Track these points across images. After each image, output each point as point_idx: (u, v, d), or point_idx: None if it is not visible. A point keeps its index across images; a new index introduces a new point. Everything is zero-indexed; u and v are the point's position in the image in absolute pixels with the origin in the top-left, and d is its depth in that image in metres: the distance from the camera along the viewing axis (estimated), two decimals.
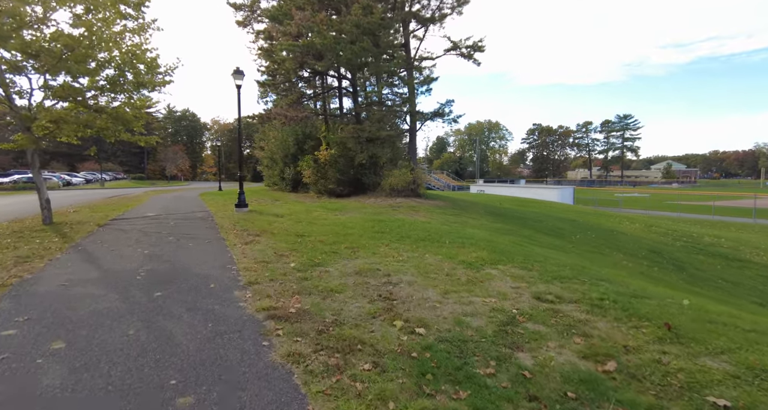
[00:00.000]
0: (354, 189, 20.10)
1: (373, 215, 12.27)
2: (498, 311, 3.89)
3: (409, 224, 9.87)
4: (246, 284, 4.88)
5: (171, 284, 4.88)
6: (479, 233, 9.33)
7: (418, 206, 14.85)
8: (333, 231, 8.76)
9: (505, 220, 14.14)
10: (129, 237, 8.10)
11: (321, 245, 7.19)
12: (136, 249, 6.92)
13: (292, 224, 10.06)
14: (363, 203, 16.45)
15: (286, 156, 28.56)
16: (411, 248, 6.95)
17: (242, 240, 7.76)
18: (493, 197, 29.09)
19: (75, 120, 8.42)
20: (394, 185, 17.01)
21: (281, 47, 14.96)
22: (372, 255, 6.38)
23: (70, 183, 44.02)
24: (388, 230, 8.81)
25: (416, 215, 12.71)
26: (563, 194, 42.48)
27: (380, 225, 9.62)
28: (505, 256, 6.41)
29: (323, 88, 23.87)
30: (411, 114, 16.91)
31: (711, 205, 32.95)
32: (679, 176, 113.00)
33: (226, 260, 6.20)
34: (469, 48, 15.71)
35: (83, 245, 7.18)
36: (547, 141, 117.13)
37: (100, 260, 6.12)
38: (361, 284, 4.80)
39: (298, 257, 6.22)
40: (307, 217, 11.43)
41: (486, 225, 11.66)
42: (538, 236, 11.68)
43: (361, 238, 7.91)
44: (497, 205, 21.40)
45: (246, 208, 12.69)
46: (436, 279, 4.98)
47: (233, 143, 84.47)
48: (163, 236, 8.31)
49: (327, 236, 8.18)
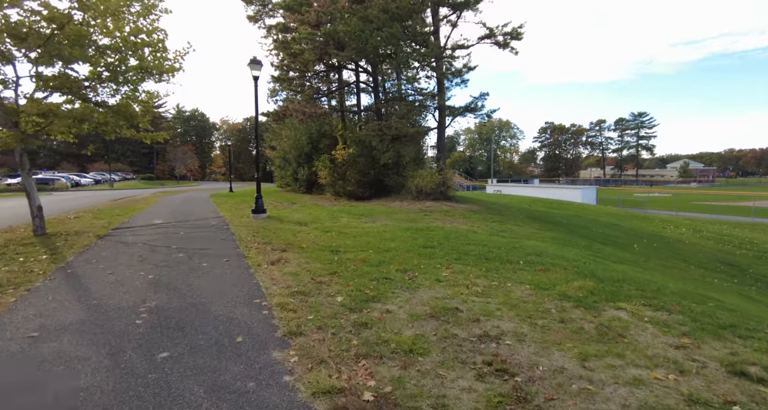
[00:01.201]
0: (375, 191, 18.69)
1: (406, 222, 10.86)
2: (699, 404, 2.44)
3: (456, 235, 8.44)
4: (285, 334, 3.49)
5: (182, 334, 3.51)
6: (543, 247, 7.87)
7: (452, 211, 13.40)
8: (371, 245, 7.36)
9: (551, 227, 12.63)
10: (132, 254, 6.78)
11: (364, 266, 5.79)
12: (138, 272, 5.58)
13: (319, 234, 8.68)
14: (388, 206, 15.04)
15: (300, 156, 27.21)
16: (480, 271, 5.52)
17: (267, 258, 6.39)
18: (517, 198, 27.50)
19: (67, 114, 7.13)
20: (421, 187, 15.56)
21: (300, 37, 13.61)
22: (436, 283, 4.96)
23: (79, 184, 43.24)
24: (436, 244, 7.38)
25: (454, 221, 11.27)
26: (586, 195, 40.76)
27: (423, 237, 8.21)
28: (609, 284, 4.95)
29: (340, 84, 22.49)
30: (440, 109, 15.44)
31: (751, 206, 30.97)
32: (696, 175, 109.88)
33: (252, 289, 4.83)
34: (506, 35, 14.21)
35: (75, 267, 5.86)
36: (559, 140, 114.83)
37: (92, 290, 4.78)
38: (448, 338, 3.39)
39: (343, 286, 4.83)
40: (334, 225, 10.05)
41: (538, 235, 10.18)
42: (598, 246, 10.17)
43: (409, 255, 6.50)
44: (528, 207, 19.86)
45: (264, 214, 11.36)
46: (551, 330, 3.54)
47: (242, 143, 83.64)
48: (172, 251, 6.97)
49: (366, 251, 6.78)
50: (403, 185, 18.00)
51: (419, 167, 19.39)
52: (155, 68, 7.73)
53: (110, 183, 48.19)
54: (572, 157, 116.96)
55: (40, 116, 6.95)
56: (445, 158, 16.27)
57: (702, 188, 72.78)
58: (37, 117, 7.01)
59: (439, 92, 15.29)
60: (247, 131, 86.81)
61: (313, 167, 24.81)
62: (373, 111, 21.08)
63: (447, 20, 13.88)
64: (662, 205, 39.14)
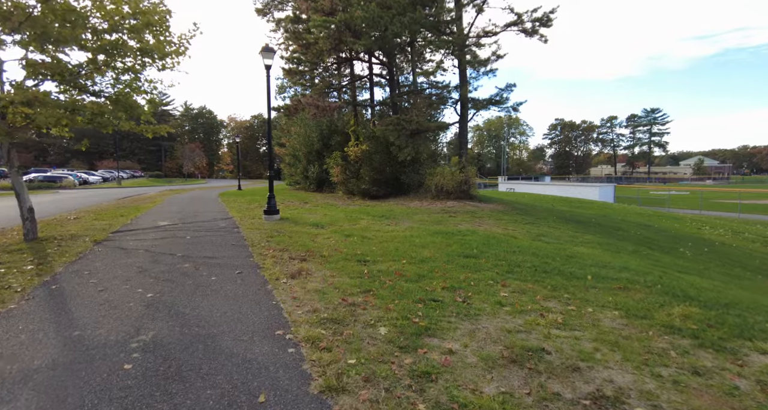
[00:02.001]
0: (391, 190, 17.74)
1: (432, 224, 9.91)
2: None
3: (495, 241, 7.47)
4: (323, 390, 2.56)
5: (184, 388, 2.60)
6: (598, 256, 6.87)
7: (478, 211, 12.41)
8: (401, 253, 6.43)
9: (586, 228, 11.59)
10: (130, 264, 5.90)
11: (402, 281, 4.85)
12: (135, 288, 4.69)
13: (340, 239, 7.76)
14: (407, 206, 14.09)
15: (310, 153, 26.31)
16: (545, 290, 4.55)
17: (286, 270, 5.48)
18: (535, 197, 26.36)
19: (55, 103, 6.27)
20: (441, 186, 14.59)
21: (314, 24, 12.67)
22: (497, 307, 4.01)
23: (87, 182, 42.83)
24: (477, 252, 6.42)
25: (484, 224, 10.29)
26: (604, 192, 39.47)
27: (458, 243, 7.25)
28: (718, 310, 3.95)
29: (352, 78, 21.52)
30: (462, 101, 14.40)
31: None
32: (711, 173, 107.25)
33: (272, 313, 3.92)
34: (535, 22, 13.13)
35: (62, 281, 5.00)
36: (569, 137, 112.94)
37: (76, 315, 3.90)
38: (549, 401, 2.43)
39: (383, 309, 3.90)
40: (354, 228, 9.14)
41: (579, 239, 9.16)
42: (646, 251, 9.13)
43: (450, 267, 5.55)
44: (551, 206, 18.76)
45: (277, 215, 10.47)
46: (689, 388, 2.57)
47: (249, 140, 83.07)
48: (177, 261, 6.09)
49: (398, 261, 5.85)
50: (421, 183, 17.03)
51: (435, 163, 18.40)
52: (157, 51, 6.82)
53: (118, 181, 47.81)
54: (582, 154, 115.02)
55: (25, 105, 6.10)
56: (467, 155, 15.23)
57: (718, 186, 70.76)
58: (22, 107, 6.15)
59: (461, 84, 14.25)
60: (255, 128, 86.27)
61: (324, 164, 23.91)
62: (388, 105, 20.10)
63: (473, 4, 12.80)
64: (684, 203, 37.71)
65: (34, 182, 36.24)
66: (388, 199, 17.10)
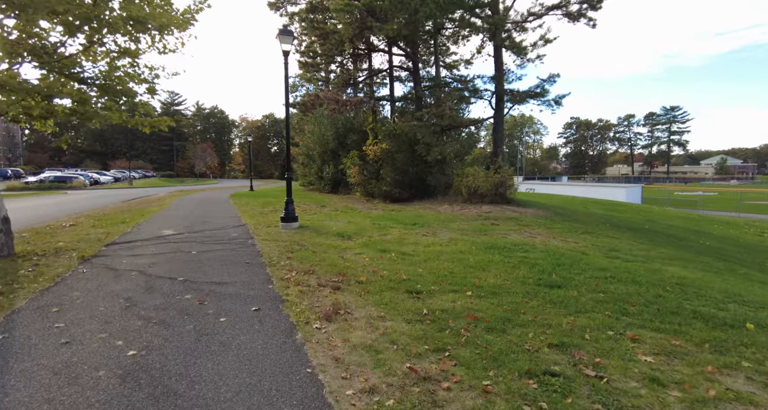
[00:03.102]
0: (415, 192, 16.32)
1: (475, 234, 8.49)
2: None
3: (569, 261, 6.02)
4: None
5: None
6: (707, 281, 5.37)
7: (521, 218, 10.93)
8: (458, 277, 5.05)
9: (648, 238, 10.03)
10: (117, 294, 4.61)
11: (484, 332, 3.45)
12: (114, 339, 3.38)
13: (374, 255, 6.40)
14: (436, 211, 12.67)
15: (325, 152, 25.01)
16: (707, 355, 3.10)
17: (317, 305, 4.13)
18: (564, 199, 24.66)
19: (19, 87, 5.01)
20: (475, 188, 13.12)
21: (336, 7, 11.33)
22: (658, 389, 2.58)
23: (98, 182, 42.26)
24: (558, 280, 4.98)
25: (535, 233, 8.83)
26: (631, 193, 37.59)
27: (522, 262, 5.84)
28: None
29: (370, 71, 20.16)
30: (498, 94, 12.91)
31: None
32: (734, 172, 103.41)
33: (308, 395, 2.55)
34: (583, 4, 11.61)
35: (15, 325, 3.70)
36: (585, 136, 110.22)
37: (10, 396, 2.58)
38: None
39: (477, 391, 2.51)
40: (385, 239, 7.77)
41: (655, 253, 7.62)
42: (743, 270, 7.56)
43: (536, 304, 4.14)
44: (586, 209, 17.16)
45: (296, 223, 9.15)
46: None
47: (261, 140, 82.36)
48: (177, 289, 4.78)
49: (461, 293, 4.47)
50: (448, 185, 15.59)
51: (462, 163, 16.91)
52: (152, 20, 5.51)
53: (129, 181, 47.30)
54: (597, 153, 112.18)
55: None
56: (503, 153, 13.75)
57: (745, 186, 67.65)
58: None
59: (497, 74, 12.76)
60: (266, 128, 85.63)
61: (340, 164, 22.62)
62: (410, 100, 18.69)
63: None
64: (716, 205, 35.59)
65: (44, 182, 35.70)
66: (413, 202, 15.70)
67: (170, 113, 79.45)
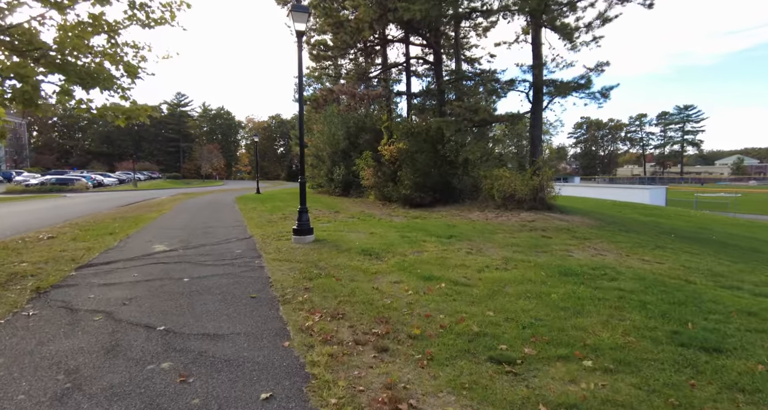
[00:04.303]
0: (439, 196, 14.77)
1: (530, 251, 6.95)
2: None
3: (684, 297, 4.48)
4: None
5: None
6: None
7: (572, 228, 9.35)
8: (549, 327, 3.55)
9: (728, 252, 8.41)
10: (56, 363, 3.14)
11: None
12: None
13: (418, 286, 4.89)
14: (467, 218, 11.12)
15: (335, 153, 23.56)
16: None
17: (360, 387, 2.63)
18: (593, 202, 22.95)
19: None
20: (511, 192, 11.56)
21: None
22: None
23: (102, 184, 41.12)
24: (708, 338, 3.45)
25: (600, 249, 7.27)
26: (654, 195, 35.73)
27: (627, 301, 4.31)
28: None
29: (385, 65, 18.66)
30: (536, 86, 11.34)
31: None
32: (751, 172, 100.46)
33: None
34: None
35: None
36: (596, 136, 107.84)
37: None
38: None
39: None
40: (422, 259, 6.26)
41: (761, 276, 6.04)
42: None
43: (705, 385, 2.61)
44: (621, 214, 15.49)
45: (311, 236, 7.66)
46: None
47: (267, 141, 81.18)
48: (151, 350, 3.30)
49: (573, 362, 2.97)
50: (476, 188, 14.05)
51: (486, 164, 15.35)
52: None
53: (134, 183, 46.17)
54: (608, 154, 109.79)
55: None
56: (542, 154, 12.19)
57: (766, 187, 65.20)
58: None
59: (535, 63, 11.19)
60: (272, 128, 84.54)
61: (351, 165, 21.17)
62: (429, 96, 17.17)
63: None
64: (746, 207, 33.62)
65: (45, 184, 34.58)
66: (435, 207, 14.17)
67: (177, 114, 78.62)
